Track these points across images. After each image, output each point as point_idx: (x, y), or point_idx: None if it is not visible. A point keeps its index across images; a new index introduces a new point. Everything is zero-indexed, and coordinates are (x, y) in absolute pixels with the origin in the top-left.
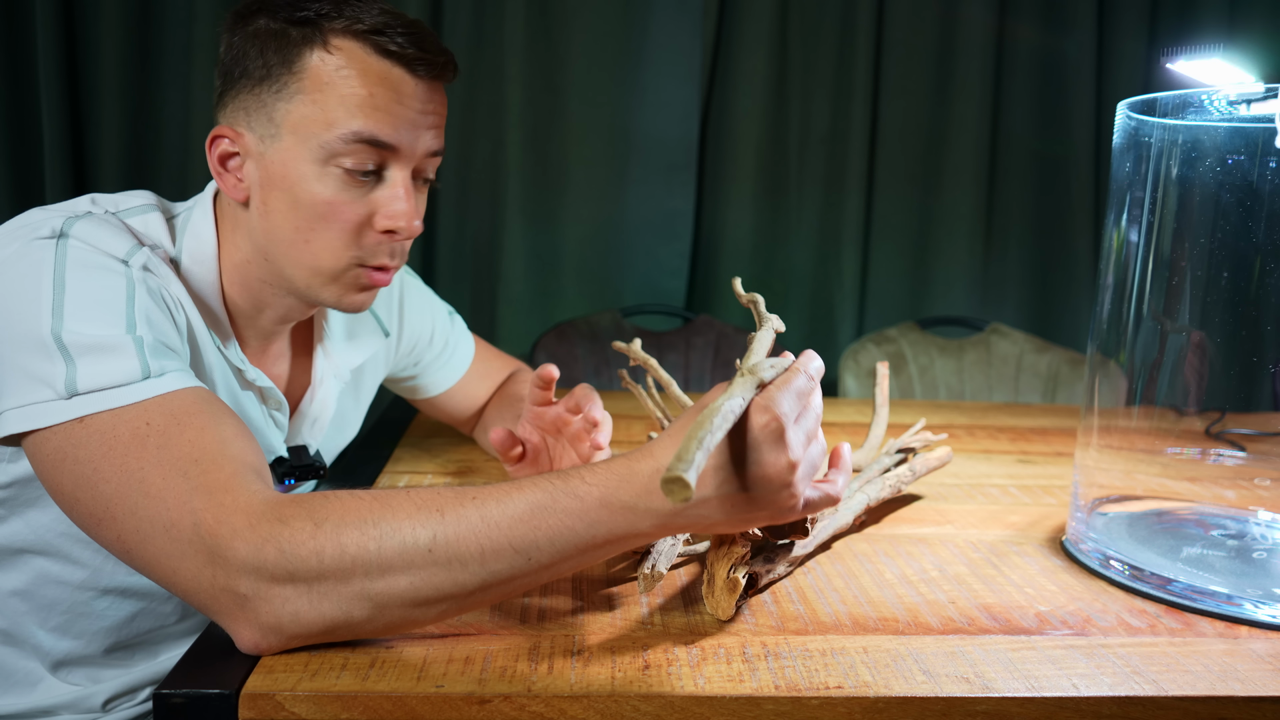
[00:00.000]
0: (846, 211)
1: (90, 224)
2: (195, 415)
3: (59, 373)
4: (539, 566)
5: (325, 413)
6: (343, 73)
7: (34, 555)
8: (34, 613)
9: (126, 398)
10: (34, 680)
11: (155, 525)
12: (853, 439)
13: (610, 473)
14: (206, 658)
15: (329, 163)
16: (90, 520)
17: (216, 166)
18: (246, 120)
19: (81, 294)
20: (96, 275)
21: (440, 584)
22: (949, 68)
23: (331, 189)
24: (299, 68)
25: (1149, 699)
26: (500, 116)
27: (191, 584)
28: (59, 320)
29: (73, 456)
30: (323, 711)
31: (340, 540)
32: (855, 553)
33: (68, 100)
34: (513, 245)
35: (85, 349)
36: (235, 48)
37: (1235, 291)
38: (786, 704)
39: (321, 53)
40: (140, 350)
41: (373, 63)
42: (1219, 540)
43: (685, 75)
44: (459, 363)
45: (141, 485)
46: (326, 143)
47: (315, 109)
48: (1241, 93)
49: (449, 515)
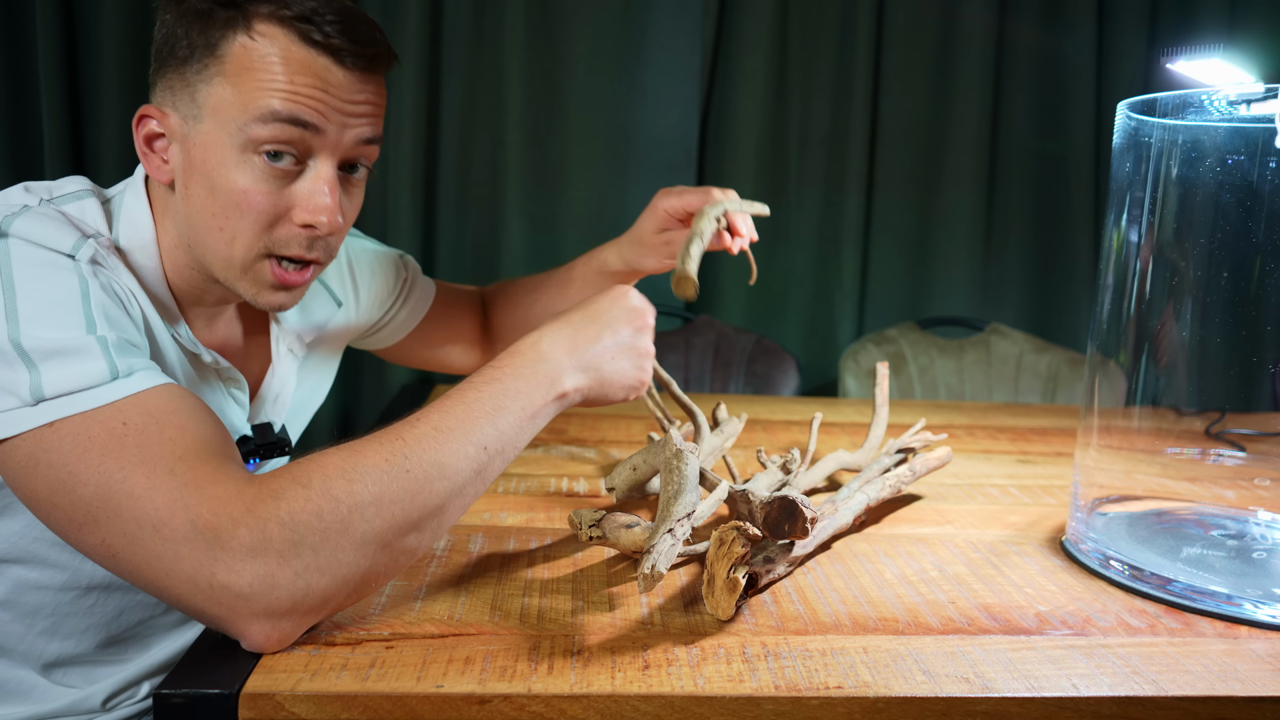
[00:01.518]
0: (846, 212)
1: (30, 220)
2: (173, 413)
3: (22, 380)
4: (494, 454)
5: (286, 389)
6: (264, 59)
7: (9, 564)
8: (19, 620)
9: (96, 400)
10: (28, 687)
11: (144, 526)
12: (853, 439)
13: (511, 358)
14: (206, 658)
15: (248, 149)
16: (70, 526)
17: (143, 147)
18: (172, 100)
19: (34, 296)
20: (46, 274)
21: (426, 500)
22: (949, 68)
23: (249, 178)
24: (222, 51)
25: (1149, 699)
26: (500, 116)
27: (186, 585)
28: (14, 326)
29: (45, 462)
30: (323, 711)
31: (331, 493)
32: (855, 553)
33: (68, 100)
34: (513, 245)
35: (48, 354)
36: (167, 26)
37: (1235, 291)
38: (786, 704)
39: (244, 37)
40: (106, 350)
41: (296, 50)
42: (1219, 540)
43: (685, 75)
44: (420, 300)
45: (125, 486)
46: (245, 126)
47: (234, 93)
48: (1241, 93)
49: (409, 438)
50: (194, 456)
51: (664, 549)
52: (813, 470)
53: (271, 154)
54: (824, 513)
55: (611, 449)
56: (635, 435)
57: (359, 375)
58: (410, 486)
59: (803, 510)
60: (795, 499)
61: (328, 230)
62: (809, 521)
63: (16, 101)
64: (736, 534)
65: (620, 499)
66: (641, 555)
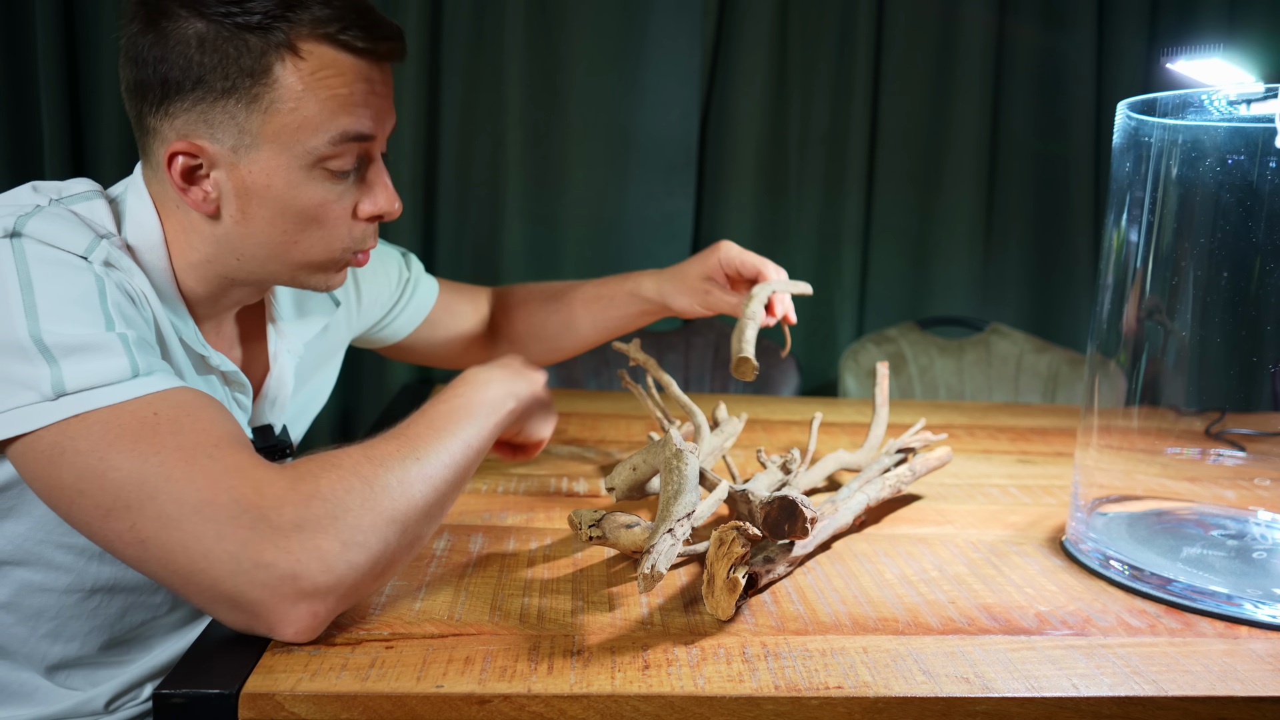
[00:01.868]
0: (846, 211)
1: (43, 220)
2: (200, 408)
3: (43, 375)
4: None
5: (284, 390)
6: (322, 79)
7: (13, 567)
8: (23, 623)
9: (118, 395)
10: (31, 690)
11: (184, 507)
12: (853, 439)
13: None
14: (206, 658)
15: (315, 166)
16: (96, 514)
17: (180, 183)
18: (209, 132)
19: (53, 293)
20: (64, 272)
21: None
22: (949, 68)
23: (322, 192)
24: (271, 77)
25: (1148, 699)
26: (500, 116)
27: (227, 567)
28: (34, 322)
29: (73, 449)
30: (323, 711)
31: (360, 473)
32: (855, 553)
33: (68, 100)
34: (513, 245)
35: (69, 349)
36: (183, 58)
37: (1235, 291)
38: (786, 704)
39: (292, 59)
40: (127, 348)
41: (345, 61)
42: (1219, 540)
43: (685, 75)
44: (423, 298)
45: (162, 469)
46: (313, 148)
47: (295, 117)
48: (1241, 93)
49: (412, 434)
50: (228, 445)
51: (664, 549)
52: (813, 470)
53: (343, 173)
54: (824, 513)
55: (611, 449)
56: (635, 435)
57: (359, 375)
58: (423, 472)
59: (803, 510)
60: (795, 499)
61: (394, 216)
62: (809, 521)
63: (16, 101)
64: (736, 534)
65: (620, 499)
66: (641, 555)
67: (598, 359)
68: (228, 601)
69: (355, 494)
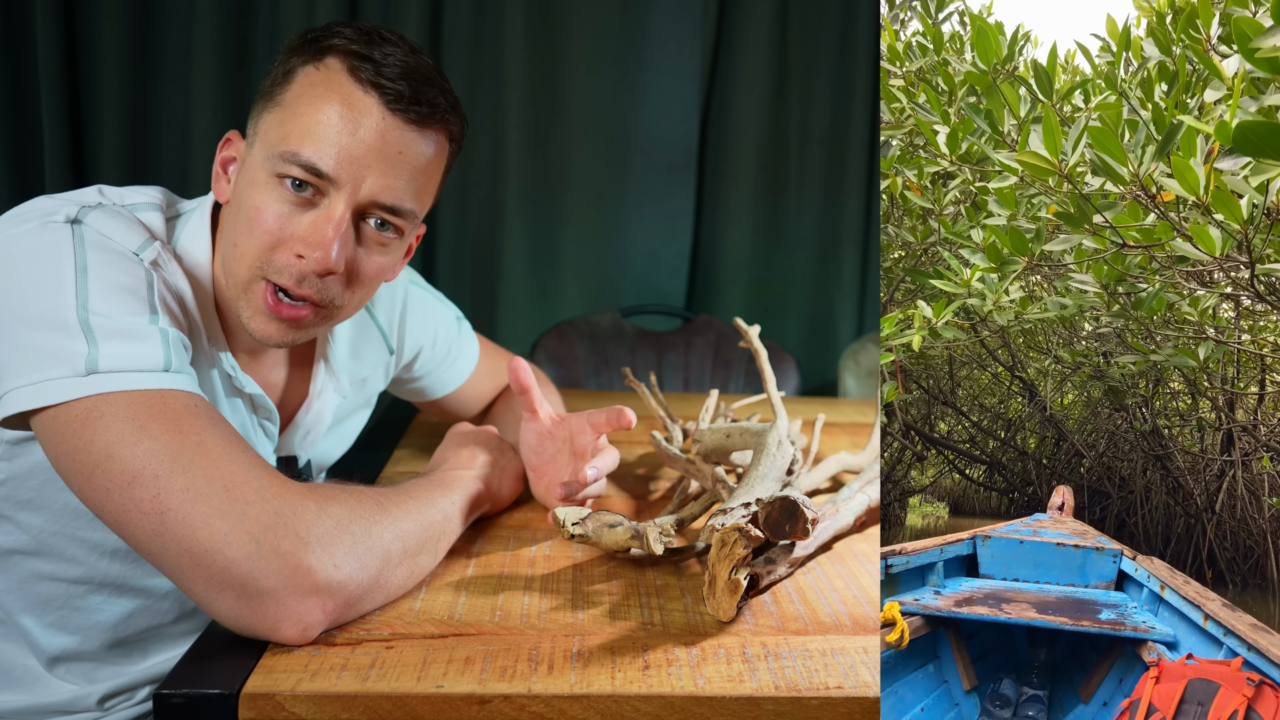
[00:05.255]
0: (846, 212)
1: (103, 215)
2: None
3: (79, 351)
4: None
5: (319, 425)
6: (311, 91)
7: (26, 556)
8: (30, 610)
9: (148, 383)
10: (32, 678)
11: (215, 483)
12: (853, 439)
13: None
14: (206, 658)
15: (274, 173)
16: (120, 480)
17: (217, 169)
18: (250, 128)
19: (105, 279)
20: (117, 261)
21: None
22: None
23: (267, 199)
24: (289, 82)
25: None
26: (500, 116)
27: (245, 548)
28: (83, 302)
29: (111, 414)
30: (323, 711)
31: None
32: (855, 553)
33: (68, 100)
34: (513, 245)
35: (111, 333)
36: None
37: None
38: (786, 704)
39: (311, 67)
40: (165, 342)
41: (344, 83)
42: None
43: (685, 75)
44: (463, 367)
45: (200, 445)
46: (273, 156)
47: (277, 120)
48: None
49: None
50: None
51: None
52: (815, 471)
53: (296, 183)
54: (825, 513)
55: None
56: (635, 435)
57: None
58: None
59: (804, 511)
60: (796, 500)
61: (317, 267)
62: (810, 522)
63: (16, 101)
64: (738, 536)
65: (700, 454)
66: (642, 546)
67: (598, 359)
68: (238, 588)
69: (363, 515)
